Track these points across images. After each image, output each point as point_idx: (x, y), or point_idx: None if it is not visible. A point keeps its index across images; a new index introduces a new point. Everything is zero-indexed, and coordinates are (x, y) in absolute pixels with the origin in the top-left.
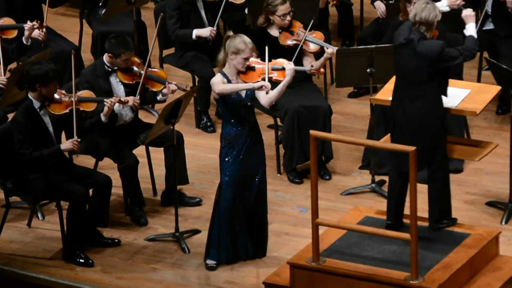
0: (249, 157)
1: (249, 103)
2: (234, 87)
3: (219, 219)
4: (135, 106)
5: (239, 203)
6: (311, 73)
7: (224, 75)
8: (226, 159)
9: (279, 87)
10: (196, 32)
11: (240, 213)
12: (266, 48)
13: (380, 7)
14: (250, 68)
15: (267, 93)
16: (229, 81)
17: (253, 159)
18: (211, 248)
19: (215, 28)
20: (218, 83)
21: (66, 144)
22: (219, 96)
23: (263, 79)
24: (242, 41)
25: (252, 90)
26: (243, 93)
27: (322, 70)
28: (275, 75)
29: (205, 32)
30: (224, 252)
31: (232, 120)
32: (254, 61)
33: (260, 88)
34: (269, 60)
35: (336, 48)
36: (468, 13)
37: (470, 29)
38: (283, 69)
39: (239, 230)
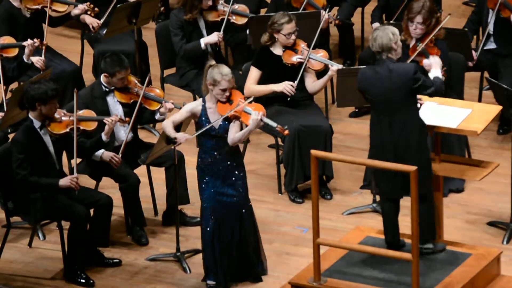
0: (224, 186)
1: (220, 134)
2: (167, 128)
3: (206, 244)
4: (113, 164)
5: (222, 229)
6: (276, 130)
7: (204, 101)
8: (201, 184)
9: (243, 132)
10: (204, 41)
11: (226, 239)
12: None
13: None
14: (228, 101)
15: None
16: (204, 108)
17: (230, 189)
18: (208, 269)
19: (221, 33)
20: (174, 115)
21: (64, 180)
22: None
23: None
24: (219, 73)
25: (227, 121)
26: (217, 124)
27: (286, 131)
28: (243, 118)
29: (213, 37)
30: (217, 275)
31: (205, 147)
32: (239, 100)
33: (174, 138)
34: (250, 102)
35: (341, 65)
36: (432, 60)
37: (437, 72)
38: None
39: (226, 256)
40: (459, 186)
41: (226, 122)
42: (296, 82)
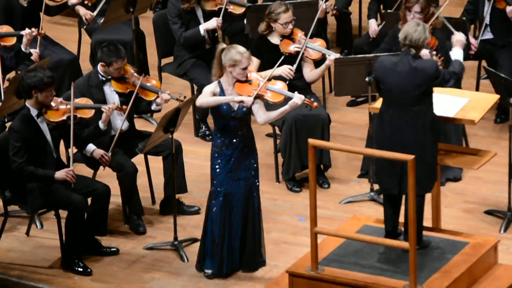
0: (239, 169)
1: (240, 116)
2: (213, 100)
3: (211, 229)
4: (103, 162)
5: (231, 214)
6: (305, 103)
7: (220, 83)
8: (215, 168)
9: (278, 112)
10: (203, 27)
11: (232, 225)
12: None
13: (372, 25)
14: (247, 81)
15: (247, 107)
16: (222, 91)
17: (243, 172)
18: (207, 257)
19: (220, 18)
20: (202, 96)
21: (60, 173)
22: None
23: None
24: (238, 52)
25: (239, 103)
26: (235, 106)
27: (315, 104)
28: (268, 95)
29: (212, 23)
30: (222, 262)
31: (222, 130)
32: (255, 77)
33: (241, 102)
34: (269, 80)
35: (338, 55)
36: (459, 38)
37: (457, 53)
38: (281, 94)
39: (232, 242)
40: (456, 175)
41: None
42: (294, 66)
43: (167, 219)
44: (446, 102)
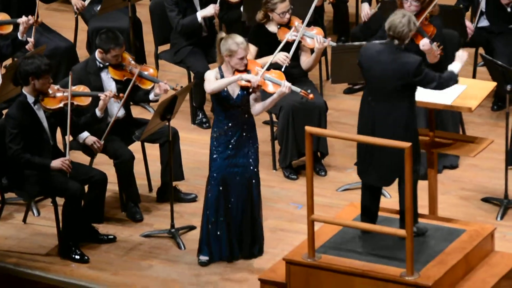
0: (237, 156)
1: (238, 103)
2: (223, 82)
3: (206, 216)
4: (95, 149)
5: (228, 201)
6: (301, 95)
7: (220, 70)
8: (213, 154)
9: (266, 102)
10: (200, 14)
11: (230, 211)
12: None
13: (365, 9)
14: (246, 70)
15: (253, 92)
16: (222, 77)
17: (242, 158)
18: (203, 244)
19: (217, 5)
20: (209, 82)
21: (56, 162)
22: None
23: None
24: (234, 43)
25: (244, 90)
26: (235, 94)
27: (311, 95)
28: (268, 85)
29: (209, 10)
30: (216, 249)
31: (221, 117)
32: (254, 66)
33: (247, 81)
34: (268, 69)
35: (330, 40)
36: (461, 54)
37: (455, 67)
38: (278, 84)
39: (231, 228)
40: (453, 163)
41: (244, 92)
42: (290, 53)
43: (164, 207)
44: (443, 90)
